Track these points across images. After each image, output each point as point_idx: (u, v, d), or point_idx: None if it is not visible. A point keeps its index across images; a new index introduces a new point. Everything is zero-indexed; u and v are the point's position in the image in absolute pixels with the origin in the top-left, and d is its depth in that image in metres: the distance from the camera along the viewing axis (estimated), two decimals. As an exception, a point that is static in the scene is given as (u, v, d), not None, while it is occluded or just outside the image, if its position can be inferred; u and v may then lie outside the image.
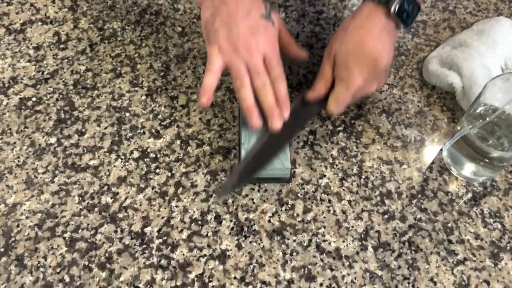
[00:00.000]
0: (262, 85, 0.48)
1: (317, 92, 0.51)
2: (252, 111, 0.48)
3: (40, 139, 0.55)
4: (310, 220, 0.50)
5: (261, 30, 0.49)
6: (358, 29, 0.50)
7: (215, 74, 0.49)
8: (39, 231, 0.48)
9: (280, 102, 0.49)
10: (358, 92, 0.50)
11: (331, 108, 0.51)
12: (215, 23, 0.49)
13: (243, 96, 0.48)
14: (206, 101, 0.48)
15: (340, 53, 0.50)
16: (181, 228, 0.49)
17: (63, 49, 0.64)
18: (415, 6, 0.51)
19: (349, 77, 0.49)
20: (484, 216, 0.51)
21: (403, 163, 0.55)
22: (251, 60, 0.48)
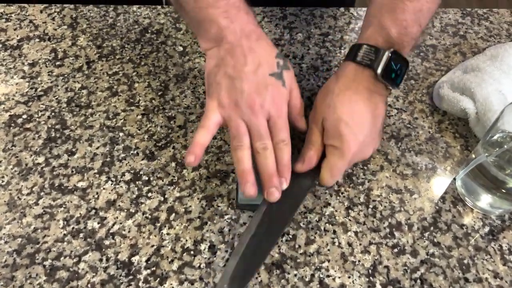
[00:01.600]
0: (263, 148, 0.43)
1: (308, 163, 0.46)
2: (248, 176, 0.43)
3: (27, 158, 0.52)
4: (313, 252, 0.46)
5: (269, 89, 0.44)
6: (346, 91, 0.45)
7: (209, 131, 0.44)
8: (18, 258, 0.45)
9: (281, 170, 0.44)
10: (354, 159, 0.46)
11: (325, 180, 0.45)
12: (218, 75, 0.45)
13: (239, 158, 0.43)
14: (194, 161, 0.43)
15: (330, 119, 0.45)
16: (171, 258, 0.45)
17: (59, 66, 0.62)
18: (403, 64, 0.47)
19: (342, 146, 0.44)
20: (503, 253, 0.47)
21: (414, 193, 0.51)
22: (253, 119, 0.43)
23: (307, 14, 0.71)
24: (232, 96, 0.44)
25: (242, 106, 0.44)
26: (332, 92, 0.46)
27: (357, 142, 0.44)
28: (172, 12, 0.70)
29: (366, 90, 0.46)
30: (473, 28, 0.71)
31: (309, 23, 0.70)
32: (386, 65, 0.45)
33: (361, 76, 0.46)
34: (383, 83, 0.47)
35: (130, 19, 0.69)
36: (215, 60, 0.46)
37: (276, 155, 0.44)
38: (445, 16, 0.72)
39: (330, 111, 0.45)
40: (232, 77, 0.44)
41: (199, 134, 0.44)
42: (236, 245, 0.43)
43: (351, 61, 0.47)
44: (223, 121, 0.45)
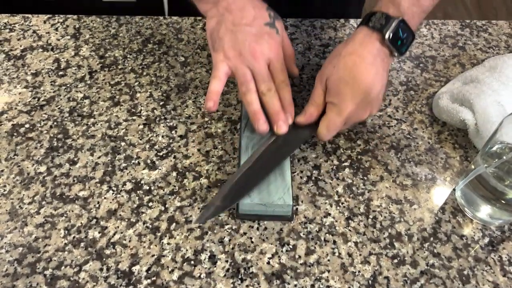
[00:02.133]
0: (267, 90, 0.49)
1: (308, 117, 0.50)
2: (259, 115, 0.48)
3: (29, 167, 0.52)
4: (313, 263, 0.46)
5: (266, 37, 0.50)
6: (351, 55, 0.49)
7: (221, 80, 0.49)
8: (19, 267, 0.45)
9: (285, 107, 0.49)
10: (349, 119, 0.49)
11: (322, 134, 0.50)
12: (220, 30, 0.49)
13: (249, 100, 0.48)
14: (213, 105, 0.48)
15: (332, 79, 0.49)
16: (172, 268, 0.45)
17: (61, 76, 0.62)
18: (409, 34, 0.50)
19: (340, 103, 0.48)
20: (503, 264, 0.47)
21: (414, 203, 0.51)
22: (256, 66, 0.48)
23: (307, 25, 0.72)
24: (235, 48, 0.49)
25: (245, 55, 0.48)
26: (339, 54, 0.49)
27: (354, 102, 0.48)
28: (174, 23, 0.71)
29: (371, 55, 0.48)
30: (472, 39, 0.71)
31: (309, 34, 0.70)
32: (394, 31, 0.48)
33: (369, 40, 0.49)
34: (389, 49, 0.49)
35: (133, 30, 0.70)
36: (215, 18, 0.51)
37: (279, 94, 0.49)
38: (444, 27, 0.73)
39: (334, 71, 0.48)
40: (232, 31, 0.49)
41: (213, 84, 0.49)
42: (233, 173, 0.49)
43: (363, 26, 0.50)
44: (230, 71, 0.50)
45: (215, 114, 0.59)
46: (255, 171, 0.48)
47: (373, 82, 0.48)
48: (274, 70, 0.50)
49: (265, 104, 0.49)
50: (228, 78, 0.50)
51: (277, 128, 0.48)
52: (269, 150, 0.50)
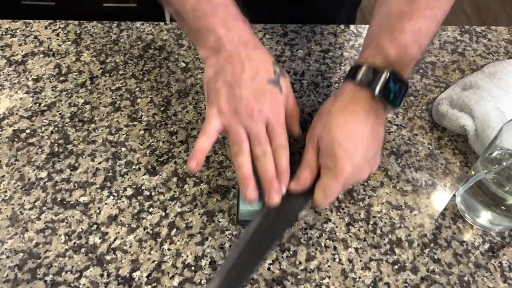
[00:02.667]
0: (262, 153, 0.44)
1: (302, 183, 0.45)
2: (248, 181, 0.43)
3: (30, 173, 0.52)
4: (314, 269, 0.46)
5: (267, 95, 0.45)
6: (342, 112, 0.45)
7: (210, 138, 0.45)
8: (19, 273, 0.45)
9: (280, 174, 0.44)
10: (348, 181, 0.44)
11: (319, 200, 0.44)
12: (218, 82, 0.45)
13: (240, 163, 0.44)
14: (195, 166, 0.44)
15: (324, 139, 0.44)
16: (172, 274, 0.45)
17: (62, 81, 0.63)
18: (402, 84, 0.45)
19: (336, 167, 0.43)
20: (504, 270, 0.47)
21: (414, 209, 0.51)
22: (252, 125, 0.44)
23: (307, 31, 0.72)
24: (231, 103, 0.45)
25: (241, 113, 0.44)
26: (329, 112, 0.46)
27: (351, 163, 0.43)
28: (175, 29, 0.71)
29: (363, 111, 0.45)
30: (471, 45, 0.72)
31: (309, 40, 0.71)
32: (384, 85, 0.44)
33: (359, 97, 0.45)
34: (381, 104, 0.45)
35: (133, 35, 0.70)
36: (214, 68, 0.46)
37: (275, 160, 0.45)
38: (443, 33, 0.74)
39: (325, 131, 0.45)
40: (231, 84, 0.45)
41: (200, 141, 0.45)
42: (223, 262, 0.43)
43: (349, 81, 0.46)
44: (223, 128, 0.46)
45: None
46: (246, 260, 0.42)
47: (370, 139, 0.44)
48: (272, 133, 0.45)
49: (258, 169, 0.44)
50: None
51: (269, 199, 0.43)
52: (260, 229, 0.44)
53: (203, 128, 0.45)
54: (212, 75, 0.46)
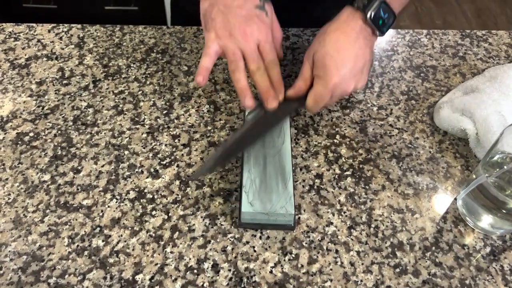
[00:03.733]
0: (257, 68, 0.51)
1: (297, 90, 0.53)
2: (246, 91, 0.51)
3: (33, 175, 0.53)
4: (316, 272, 0.46)
5: (255, 19, 0.52)
6: (335, 31, 0.52)
7: (211, 57, 0.52)
8: (23, 275, 0.45)
9: (275, 85, 0.52)
10: (335, 90, 0.51)
11: (309, 105, 0.52)
12: (213, 12, 0.52)
13: (238, 78, 0.51)
14: (202, 79, 0.51)
15: (318, 53, 0.51)
16: (175, 277, 0.45)
17: (65, 85, 0.63)
18: (390, 14, 0.53)
19: (326, 75, 0.50)
20: (505, 273, 0.47)
21: (415, 212, 0.51)
22: (245, 45, 0.51)
23: (309, 35, 0.72)
24: (226, 28, 0.52)
25: (236, 36, 0.51)
26: (325, 31, 0.53)
27: (339, 74, 0.50)
28: (177, 32, 0.72)
29: (354, 32, 0.51)
30: (472, 49, 0.72)
31: (311, 43, 0.71)
32: (376, 11, 0.51)
33: (352, 18, 0.52)
34: (371, 28, 0.52)
35: (136, 39, 0.70)
36: (208, 1, 0.54)
37: (269, 73, 0.52)
38: (444, 37, 0.74)
39: (320, 47, 0.52)
40: (224, 12, 0.52)
41: (203, 60, 0.52)
42: (225, 139, 0.54)
43: (348, 6, 0.53)
44: (220, 50, 0.52)
45: (217, 123, 0.59)
46: (247, 137, 0.52)
47: (356, 55, 0.51)
48: (263, 50, 0.52)
49: (255, 82, 0.52)
50: (219, 57, 0.54)
51: (268, 103, 0.51)
52: (260, 121, 0.53)
53: (204, 50, 0.52)
54: (207, 6, 0.53)
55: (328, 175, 0.54)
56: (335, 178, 0.54)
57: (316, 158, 0.56)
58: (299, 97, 0.53)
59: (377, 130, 0.60)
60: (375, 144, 0.58)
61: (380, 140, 0.58)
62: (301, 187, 0.53)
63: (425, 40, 0.73)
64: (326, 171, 0.55)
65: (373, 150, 0.57)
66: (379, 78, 0.66)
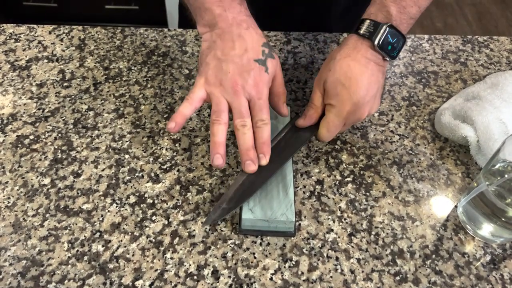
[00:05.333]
0: (242, 125, 0.48)
1: (308, 120, 0.53)
2: (218, 148, 0.47)
3: (33, 179, 0.53)
4: (316, 279, 0.46)
5: (252, 73, 0.49)
6: (346, 58, 0.51)
7: (193, 104, 0.49)
8: (22, 280, 0.45)
9: (259, 146, 0.49)
10: (349, 118, 0.51)
11: (322, 135, 0.52)
12: (209, 56, 0.50)
13: (215, 131, 0.48)
14: (174, 127, 0.48)
15: (329, 81, 0.51)
16: (175, 283, 0.45)
17: (66, 87, 0.63)
18: (399, 38, 0.52)
19: (338, 105, 0.50)
20: (505, 282, 0.47)
21: (416, 220, 0.51)
22: (234, 98, 0.48)
23: (310, 39, 0.72)
24: (218, 76, 0.49)
25: (226, 86, 0.48)
26: (334, 58, 0.51)
27: (352, 102, 0.49)
28: (179, 35, 0.71)
29: (364, 58, 0.50)
30: (473, 55, 0.72)
31: (312, 48, 0.71)
32: (383, 37, 0.50)
33: (360, 46, 0.51)
34: (380, 54, 0.51)
35: (137, 41, 0.70)
36: (208, 43, 0.51)
37: (256, 133, 0.49)
38: (446, 43, 0.74)
39: (330, 74, 0.50)
40: (220, 59, 0.49)
41: (183, 106, 0.49)
42: (237, 177, 0.51)
43: (353, 34, 0.52)
44: (207, 97, 0.50)
45: (218, 127, 0.59)
46: (259, 174, 0.49)
47: (369, 81, 0.50)
48: (254, 108, 0.49)
49: (237, 139, 0.48)
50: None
51: (245, 166, 0.48)
52: (271, 154, 0.50)
53: (188, 95, 0.50)
54: (205, 49, 0.51)
55: (328, 181, 0.54)
56: (336, 184, 0.54)
57: (317, 164, 0.56)
58: (311, 126, 0.53)
59: (378, 136, 0.60)
60: (376, 150, 0.58)
61: (381, 146, 0.58)
62: (301, 193, 0.53)
63: (427, 46, 0.73)
64: (327, 177, 0.55)
65: (374, 156, 0.57)
66: (381, 84, 0.66)
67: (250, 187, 0.48)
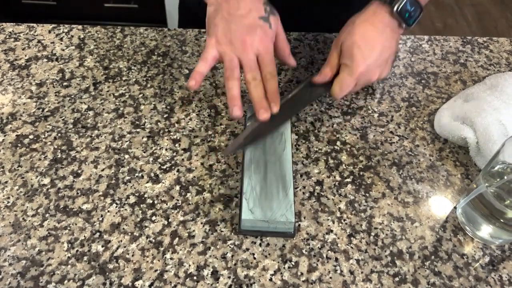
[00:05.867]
0: (253, 78, 0.51)
1: (323, 76, 0.55)
2: (235, 101, 0.51)
3: (33, 179, 0.53)
4: (315, 280, 0.46)
5: (258, 30, 0.52)
6: (364, 22, 0.54)
7: (207, 62, 0.52)
8: (22, 280, 0.45)
9: (270, 96, 0.52)
10: (360, 79, 0.54)
11: (335, 92, 0.54)
12: (216, 18, 0.53)
13: (230, 86, 0.51)
14: (194, 84, 0.51)
15: (346, 43, 0.53)
16: (174, 284, 0.45)
17: (66, 87, 0.63)
18: (417, 7, 0.55)
19: (352, 64, 0.53)
20: (503, 283, 0.47)
21: (415, 221, 0.52)
22: (244, 55, 0.52)
23: (310, 40, 0.72)
24: (227, 35, 0.52)
25: (235, 44, 0.52)
26: (353, 22, 0.55)
27: (365, 63, 0.53)
28: (179, 35, 0.71)
29: (381, 24, 0.54)
30: (473, 56, 0.72)
31: (312, 48, 0.71)
32: (402, 4, 0.53)
33: (380, 12, 0.54)
34: (397, 21, 0.54)
35: (137, 41, 0.70)
36: (214, 6, 0.54)
37: (265, 85, 0.52)
38: (446, 44, 0.74)
39: (348, 37, 0.54)
40: (227, 19, 0.52)
41: (199, 65, 0.52)
42: (251, 123, 0.54)
43: (375, 0, 0.55)
44: (219, 56, 0.53)
45: (218, 127, 0.59)
46: (275, 118, 0.52)
47: (383, 46, 0.53)
48: (262, 62, 0.52)
49: (249, 92, 0.52)
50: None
51: (259, 114, 0.51)
52: (287, 102, 0.54)
53: (202, 55, 0.53)
54: (212, 12, 0.54)
55: (328, 182, 0.54)
56: (336, 185, 0.54)
57: (317, 164, 0.56)
58: (325, 83, 0.56)
59: (377, 137, 0.60)
60: (376, 151, 0.58)
61: (380, 147, 0.58)
62: (301, 193, 0.53)
63: (427, 46, 0.73)
64: (327, 178, 0.55)
65: (374, 157, 0.57)
66: (380, 84, 0.66)
67: (265, 129, 0.53)
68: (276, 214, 0.47)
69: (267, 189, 0.50)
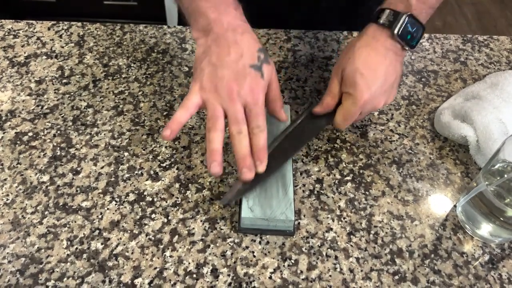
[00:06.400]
0: (237, 132, 0.46)
1: (325, 107, 0.53)
2: (215, 155, 0.46)
3: (32, 176, 0.52)
4: (315, 278, 0.46)
5: (247, 78, 0.47)
6: (365, 47, 0.51)
7: (188, 111, 0.48)
8: (21, 278, 0.45)
9: (256, 153, 0.47)
10: (365, 107, 0.51)
11: (338, 122, 0.52)
12: (204, 61, 0.48)
13: (211, 138, 0.46)
14: (169, 134, 0.47)
15: (348, 70, 0.50)
16: (174, 281, 0.45)
17: (65, 84, 0.63)
18: (419, 27, 0.52)
19: (356, 92, 0.50)
20: (503, 282, 0.47)
21: (415, 219, 0.52)
22: (230, 105, 0.46)
23: (310, 37, 0.72)
24: (213, 82, 0.47)
25: (221, 92, 0.47)
26: (353, 46, 0.51)
27: (369, 91, 0.49)
28: (178, 32, 0.71)
29: (383, 48, 0.51)
30: (473, 54, 0.72)
31: (312, 46, 0.71)
32: (403, 26, 0.50)
33: (380, 35, 0.51)
34: (400, 44, 0.51)
35: (137, 38, 0.70)
36: (203, 48, 0.49)
37: (252, 140, 0.47)
38: (446, 42, 0.74)
39: (349, 63, 0.50)
40: (215, 64, 0.48)
41: (178, 113, 0.47)
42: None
43: (373, 23, 0.52)
44: (202, 104, 0.48)
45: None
46: (275, 157, 0.49)
47: (387, 71, 0.50)
48: (249, 114, 0.47)
49: (233, 146, 0.47)
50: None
51: (241, 174, 0.46)
52: (287, 139, 0.51)
53: (183, 101, 0.48)
54: (200, 54, 0.49)
55: (328, 180, 0.54)
56: (335, 183, 0.54)
57: (317, 162, 0.56)
58: (327, 113, 0.53)
59: (377, 135, 0.60)
60: (376, 149, 0.58)
61: (380, 146, 0.58)
62: (301, 191, 0.53)
63: (427, 45, 0.73)
64: (327, 176, 0.55)
65: (374, 156, 0.57)
66: (380, 83, 0.66)
67: (263, 174, 0.48)
68: (275, 212, 0.47)
69: (266, 187, 0.49)
